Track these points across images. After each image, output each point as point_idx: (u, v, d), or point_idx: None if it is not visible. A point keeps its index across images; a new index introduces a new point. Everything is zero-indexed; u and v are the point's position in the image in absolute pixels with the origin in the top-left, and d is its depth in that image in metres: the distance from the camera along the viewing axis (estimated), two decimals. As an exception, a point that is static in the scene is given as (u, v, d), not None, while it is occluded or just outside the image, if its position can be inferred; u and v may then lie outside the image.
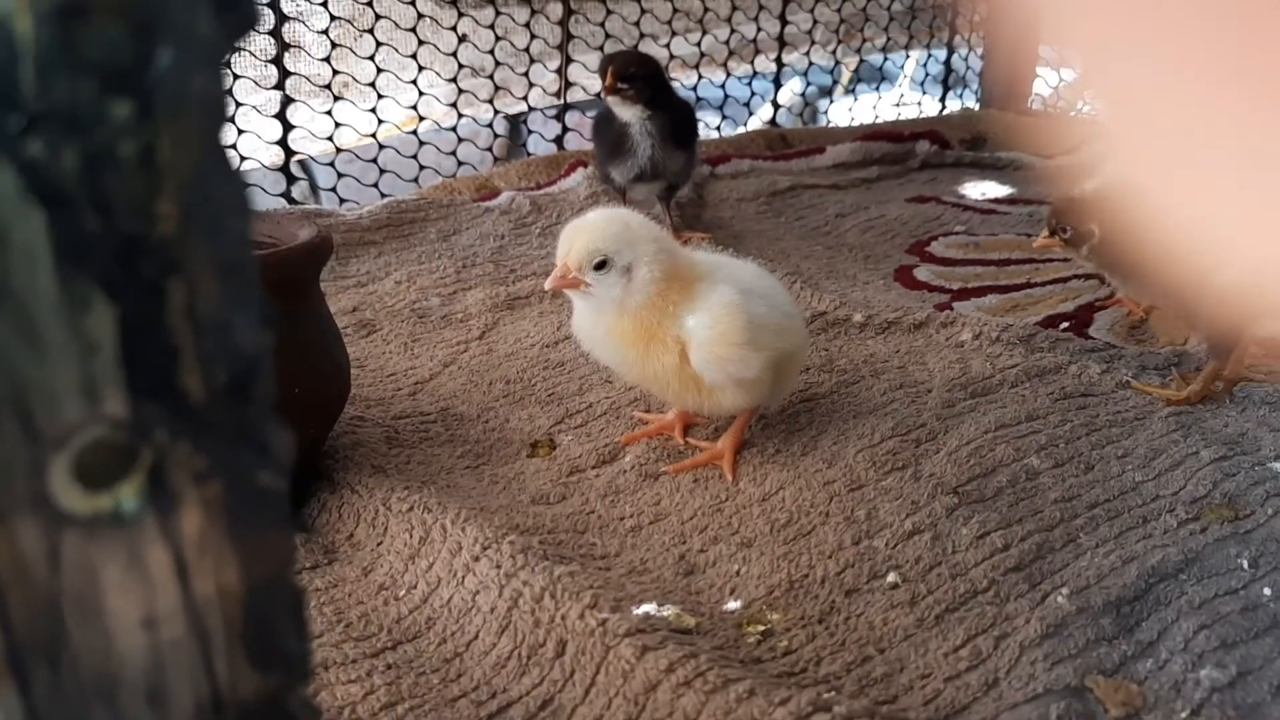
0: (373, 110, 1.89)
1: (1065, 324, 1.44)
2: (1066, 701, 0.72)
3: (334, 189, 1.95)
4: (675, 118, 1.65)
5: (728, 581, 0.88)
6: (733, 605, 0.85)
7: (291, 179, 1.86)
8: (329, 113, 1.85)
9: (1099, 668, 0.76)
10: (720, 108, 2.46)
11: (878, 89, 2.79)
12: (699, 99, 2.35)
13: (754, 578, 0.88)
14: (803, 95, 2.75)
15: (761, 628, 0.82)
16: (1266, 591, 0.84)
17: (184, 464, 0.31)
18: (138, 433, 0.30)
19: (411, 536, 0.92)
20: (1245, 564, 0.87)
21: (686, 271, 0.98)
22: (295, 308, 0.94)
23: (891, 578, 0.86)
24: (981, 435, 1.06)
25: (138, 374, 0.30)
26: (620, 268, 0.95)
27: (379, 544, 0.94)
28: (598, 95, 1.64)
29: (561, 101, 2.15)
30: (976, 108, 2.82)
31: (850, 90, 2.74)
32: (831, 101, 2.87)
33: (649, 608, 0.82)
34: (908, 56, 2.79)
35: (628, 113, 1.62)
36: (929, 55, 2.82)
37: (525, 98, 2.10)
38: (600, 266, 0.95)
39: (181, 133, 0.29)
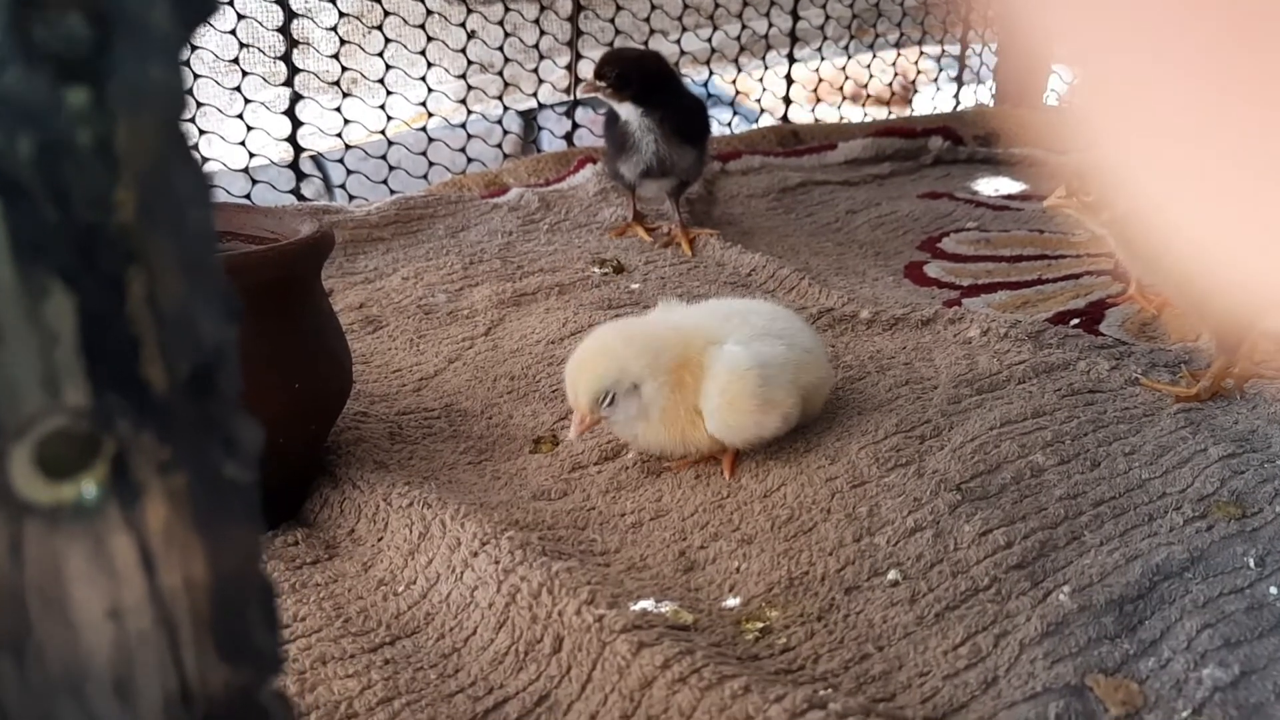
0: (381, 107, 1.90)
1: (1075, 320, 1.43)
2: (1066, 700, 0.71)
3: (343, 185, 1.96)
4: (681, 113, 1.64)
5: (727, 578, 0.87)
6: (732, 602, 0.84)
7: (301, 175, 1.86)
8: (338, 109, 1.85)
9: (1100, 666, 0.75)
10: (732, 104, 2.45)
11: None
12: (710, 95, 2.35)
13: (754, 574, 0.87)
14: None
15: (760, 625, 0.82)
16: (1273, 590, 0.83)
17: (148, 455, 0.31)
18: (100, 423, 0.30)
19: (411, 532, 0.92)
20: (1252, 562, 0.86)
21: (694, 350, 0.99)
22: (296, 303, 0.94)
23: (892, 575, 0.86)
24: (986, 432, 1.05)
25: (99, 364, 0.30)
26: (625, 392, 0.97)
27: (379, 539, 0.94)
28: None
29: (571, 98, 2.15)
30: (990, 103, 2.81)
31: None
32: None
33: (646, 604, 0.81)
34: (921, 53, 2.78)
35: (622, 110, 1.61)
36: (943, 51, 2.81)
37: (535, 94, 2.10)
38: (607, 401, 0.97)
39: (139, 122, 0.29)
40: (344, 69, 1.84)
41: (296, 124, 1.81)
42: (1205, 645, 0.77)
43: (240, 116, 1.76)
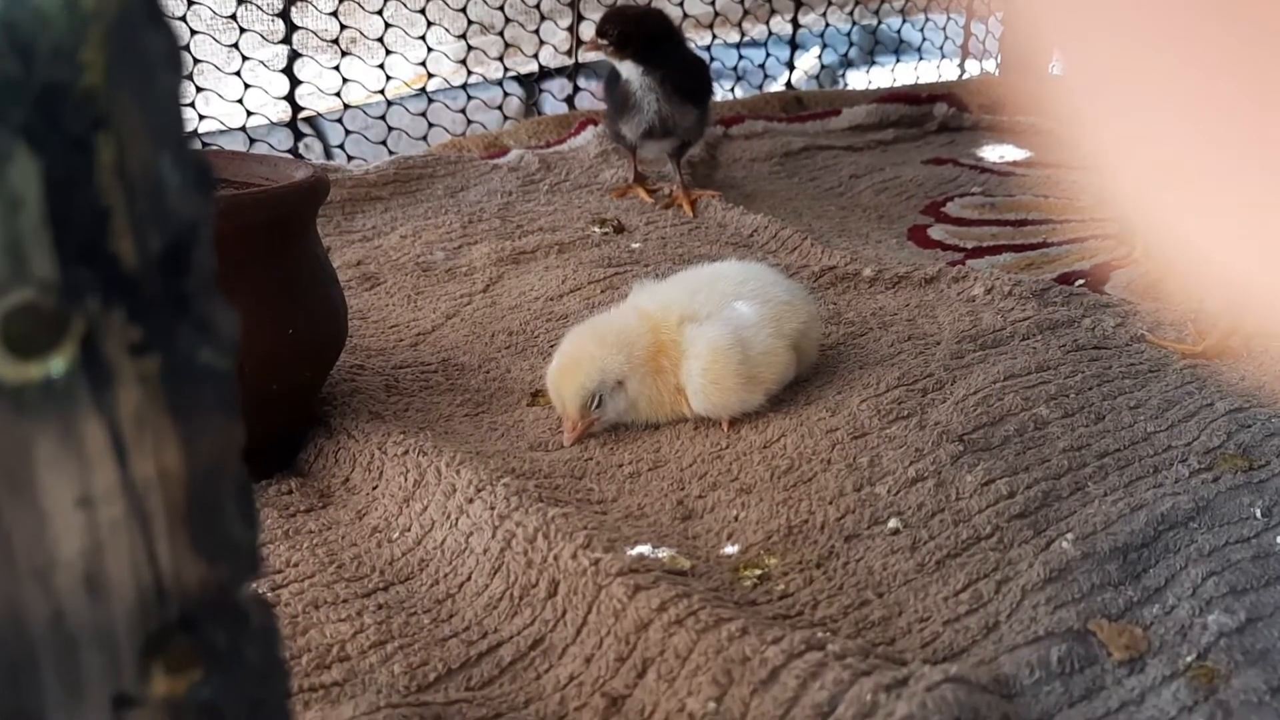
0: (381, 66, 1.88)
1: (1080, 281, 1.41)
2: (1068, 644, 0.70)
3: (341, 145, 1.94)
4: (683, 73, 1.62)
5: (725, 527, 0.86)
6: (730, 550, 0.83)
7: (299, 135, 1.85)
8: (337, 68, 1.83)
9: (1103, 612, 0.74)
10: (735, 68, 2.43)
11: (896, 55, 2.74)
12: (713, 59, 2.32)
13: (752, 523, 0.86)
14: (819, 59, 2.71)
15: (758, 572, 0.81)
16: (1279, 540, 0.82)
17: (118, 335, 0.30)
18: (68, 298, 0.29)
19: (406, 480, 0.91)
20: (1258, 513, 0.85)
21: (668, 330, 0.99)
22: (290, 247, 0.92)
23: (893, 523, 0.85)
24: (990, 385, 1.03)
25: (66, 235, 0.28)
26: (610, 391, 0.97)
27: (374, 488, 0.93)
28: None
29: (573, 60, 2.12)
30: (996, 73, 2.78)
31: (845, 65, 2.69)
32: (849, 66, 2.82)
33: (643, 549, 0.80)
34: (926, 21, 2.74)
35: (623, 69, 1.59)
36: (949, 19, 2.78)
37: (536, 56, 2.08)
38: (595, 403, 0.97)
39: (106, -26, 0.27)
40: (343, 28, 1.82)
41: (295, 82, 1.79)
42: (1211, 592, 0.76)
43: (238, 74, 1.74)
